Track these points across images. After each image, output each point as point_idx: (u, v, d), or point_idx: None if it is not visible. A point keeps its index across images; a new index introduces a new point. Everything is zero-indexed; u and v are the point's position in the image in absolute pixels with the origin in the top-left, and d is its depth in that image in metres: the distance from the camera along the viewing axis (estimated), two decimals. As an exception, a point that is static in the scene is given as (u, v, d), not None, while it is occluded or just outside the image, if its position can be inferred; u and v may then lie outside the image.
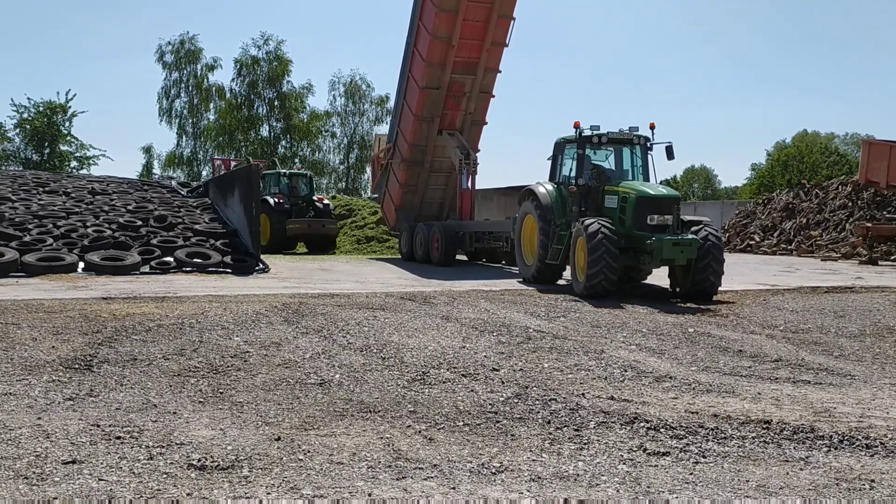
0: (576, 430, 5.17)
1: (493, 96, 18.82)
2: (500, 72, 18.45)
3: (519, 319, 9.61)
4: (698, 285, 11.67)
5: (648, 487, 4.03)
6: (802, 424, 5.32)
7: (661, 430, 5.18)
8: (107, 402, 5.59)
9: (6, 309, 9.16)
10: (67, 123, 43.72)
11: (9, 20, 77.61)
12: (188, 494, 3.77)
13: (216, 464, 4.23)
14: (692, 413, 5.64)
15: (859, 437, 5.04)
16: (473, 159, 18.10)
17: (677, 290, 12.26)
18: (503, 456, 4.56)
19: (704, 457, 4.62)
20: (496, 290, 12.55)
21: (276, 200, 23.18)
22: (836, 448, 4.86)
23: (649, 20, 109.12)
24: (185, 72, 48.09)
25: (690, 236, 11.65)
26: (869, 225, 19.73)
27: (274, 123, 49.77)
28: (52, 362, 6.69)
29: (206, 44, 59.86)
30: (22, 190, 19.91)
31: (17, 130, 43.28)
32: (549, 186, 13.47)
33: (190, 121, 48.87)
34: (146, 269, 14.34)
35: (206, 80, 48.39)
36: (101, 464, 4.19)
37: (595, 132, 12.82)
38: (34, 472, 4.02)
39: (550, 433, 5.10)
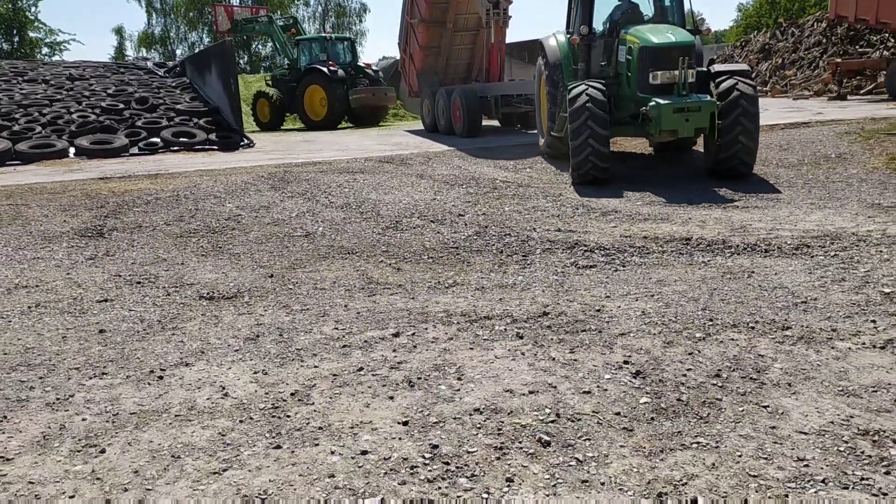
0: (523, 255, 6.11)
1: None
2: None
3: (488, 172, 10.41)
4: (723, 164, 9.01)
5: (568, 288, 5.00)
6: (717, 238, 6.26)
7: (596, 251, 6.12)
8: (123, 259, 6.49)
9: (13, 193, 9.92)
10: (34, 8, 42.57)
11: None
12: (202, 315, 4.73)
13: (222, 295, 5.18)
14: (626, 237, 6.57)
15: (762, 245, 5.98)
16: (503, 9, 15.22)
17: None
18: (458, 276, 5.51)
19: (624, 266, 5.59)
20: (470, 148, 13.24)
21: (330, 69, 20.44)
22: (738, 254, 5.82)
23: None
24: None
25: (704, 98, 8.81)
26: (838, 60, 20.06)
27: (245, -6, 48.21)
28: (67, 233, 7.55)
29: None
30: (1, 80, 20.06)
31: (-17, 20, 42.17)
32: (562, 38, 10.78)
33: (158, -3, 47.45)
34: (135, 150, 14.94)
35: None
36: (129, 300, 5.13)
37: None
38: (76, 308, 4.96)
39: (501, 259, 6.04)
